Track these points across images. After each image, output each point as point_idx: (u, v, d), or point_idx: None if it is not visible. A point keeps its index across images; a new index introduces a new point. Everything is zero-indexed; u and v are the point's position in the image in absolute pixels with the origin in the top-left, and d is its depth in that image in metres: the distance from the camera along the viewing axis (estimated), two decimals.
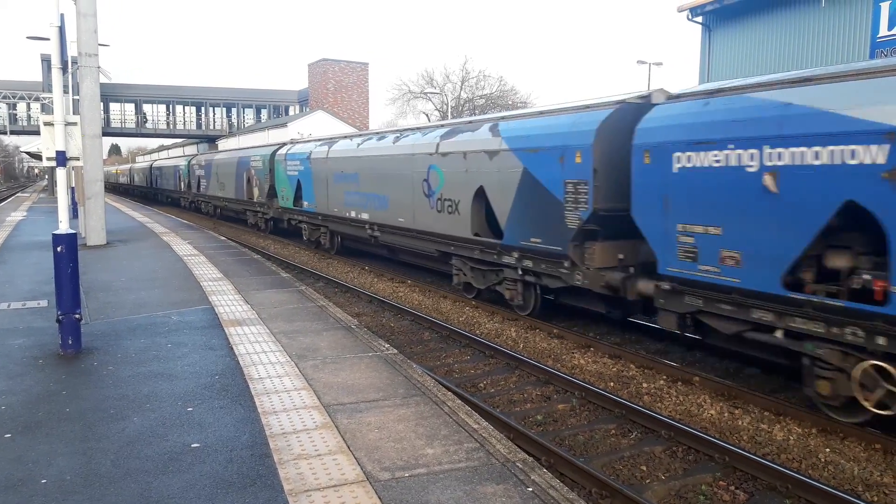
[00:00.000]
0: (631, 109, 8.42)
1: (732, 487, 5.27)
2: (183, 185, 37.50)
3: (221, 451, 4.46)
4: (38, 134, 34.20)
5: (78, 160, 8.94)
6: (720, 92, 7.14)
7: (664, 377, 7.80)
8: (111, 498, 3.84)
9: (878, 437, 5.92)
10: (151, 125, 60.40)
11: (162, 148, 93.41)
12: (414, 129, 14.20)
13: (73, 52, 15.18)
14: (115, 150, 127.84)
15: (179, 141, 76.66)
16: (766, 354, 7.37)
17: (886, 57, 15.80)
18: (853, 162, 5.62)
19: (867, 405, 5.81)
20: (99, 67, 15.55)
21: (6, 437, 4.71)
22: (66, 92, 14.98)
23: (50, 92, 22.55)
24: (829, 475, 5.46)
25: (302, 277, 14.52)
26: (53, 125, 7.25)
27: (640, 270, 8.60)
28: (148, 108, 59.73)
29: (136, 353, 6.80)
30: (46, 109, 33.05)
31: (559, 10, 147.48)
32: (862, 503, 4.87)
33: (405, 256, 15.83)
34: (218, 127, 62.30)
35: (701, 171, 6.98)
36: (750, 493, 5.19)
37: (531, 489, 3.93)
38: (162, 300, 9.45)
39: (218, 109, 62.33)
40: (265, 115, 64.06)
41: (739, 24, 20.66)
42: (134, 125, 59.59)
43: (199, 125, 62.52)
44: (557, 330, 9.80)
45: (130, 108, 59.28)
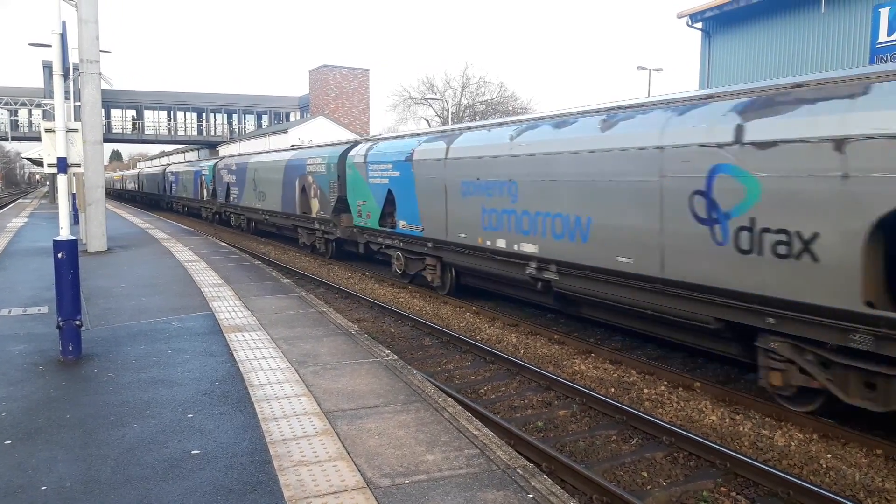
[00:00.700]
0: None
1: (734, 493, 5.26)
2: (206, 192, 32.15)
3: (222, 457, 4.45)
4: (39, 140, 34.14)
5: (79, 166, 8.92)
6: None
7: (665, 383, 7.80)
8: None
9: (879, 442, 5.92)
10: (152, 131, 60.54)
11: (163, 154, 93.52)
12: (624, 107, 8.69)
13: (74, 58, 15.23)
14: (116, 156, 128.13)
15: (181, 147, 76.81)
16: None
17: (886, 62, 15.81)
18: None
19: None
20: (100, 74, 15.60)
21: (6, 443, 4.71)
22: (67, 98, 15.02)
23: (51, 98, 22.60)
24: (830, 481, 5.45)
25: (302, 283, 14.53)
26: (55, 132, 7.26)
27: None
28: (149, 114, 59.86)
29: (136, 359, 6.80)
30: (48, 116, 33.09)
31: (559, 16, 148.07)
32: None
33: (608, 316, 9.42)
34: (219, 133, 62.53)
35: None
36: (751, 499, 5.18)
37: (532, 496, 3.92)
38: (162, 306, 9.46)
39: (219, 115, 62.61)
40: (266, 121, 64.28)
41: (739, 29, 20.71)
42: (135, 131, 59.73)
43: (200, 131, 62.70)
44: (558, 335, 9.79)
45: (131, 114, 59.46)
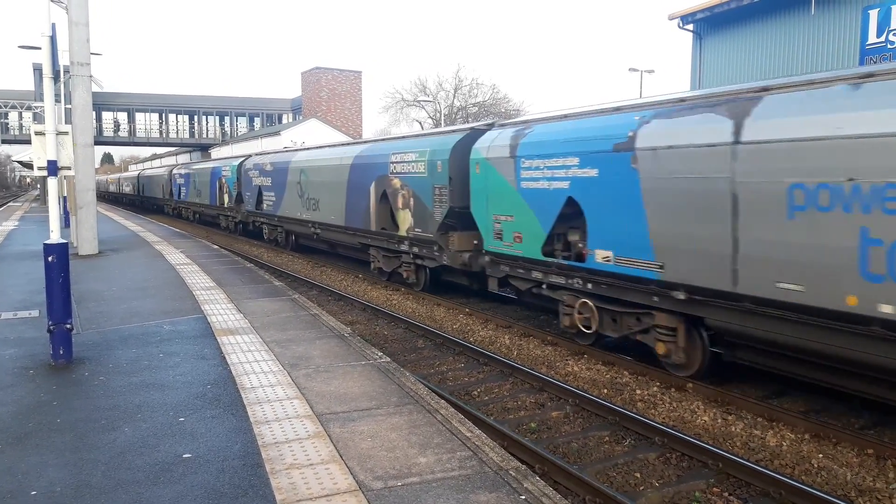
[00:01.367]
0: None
1: (726, 494, 5.28)
2: (227, 198, 27.19)
3: (213, 461, 4.43)
4: (29, 143, 33.81)
5: (69, 169, 8.87)
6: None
7: (658, 384, 7.82)
8: None
9: (870, 442, 5.95)
10: (144, 134, 60.24)
11: (154, 157, 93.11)
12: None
13: (65, 61, 15.17)
14: (107, 158, 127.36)
15: (172, 150, 76.52)
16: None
17: (875, 63, 15.91)
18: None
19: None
20: (91, 76, 15.51)
21: None
22: (57, 101, 14.94)
23: (41, 101, 22.46)
24: (822, 481, 5.48)
25: (295, 286, 14.49)
26: (45, 134, 7.21)
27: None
28: (140, 116, 59.56)
29: (127, 363, 6.77)
30: (38, 118, 32.85)
31: (551, 18, 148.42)
32: None
33: None
34: (211, 135, 62.30)
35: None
36: (743, 499, 5.20)
37: (524, 497, 3.92)
38: (154, 310, 9.41)
39: (211, 118, 62.36)
40: (258, 123, 64.06)
41: (730, 31, 20.80)
42: (127, 134, 59.43)
43: (191, 133, 62.46)
44: (551, 337, 9.80)
45: (123, 116, 59.16)
